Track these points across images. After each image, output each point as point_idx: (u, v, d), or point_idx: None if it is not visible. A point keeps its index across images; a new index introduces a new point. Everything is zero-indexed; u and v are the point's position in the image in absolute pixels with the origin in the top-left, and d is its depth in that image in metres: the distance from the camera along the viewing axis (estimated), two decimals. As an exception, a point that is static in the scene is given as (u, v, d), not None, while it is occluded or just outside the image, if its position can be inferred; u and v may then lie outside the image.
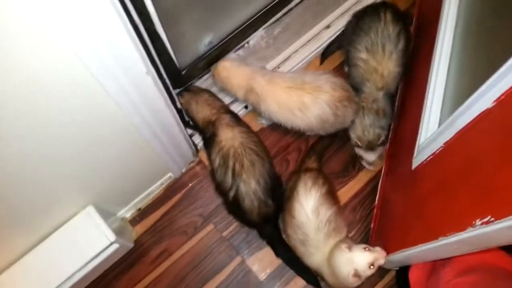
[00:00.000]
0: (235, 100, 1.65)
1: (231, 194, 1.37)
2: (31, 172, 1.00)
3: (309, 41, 1.73)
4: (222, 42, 1.56)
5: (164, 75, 1.33)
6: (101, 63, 0.84)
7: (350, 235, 1.50)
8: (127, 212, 1.55)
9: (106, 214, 1.35)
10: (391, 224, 1.30)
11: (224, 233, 1.54)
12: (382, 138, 1.42)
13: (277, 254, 1.47)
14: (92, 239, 1.26)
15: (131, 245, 1.49)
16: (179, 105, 1.49)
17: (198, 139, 1.61)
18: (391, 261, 1.21)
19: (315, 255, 1.30)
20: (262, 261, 1.50)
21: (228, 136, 1.37)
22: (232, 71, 1.46)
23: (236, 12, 1.54)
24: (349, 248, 1.19)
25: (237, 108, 1.63)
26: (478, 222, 0.69)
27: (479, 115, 0.76)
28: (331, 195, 1.37)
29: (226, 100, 1.61)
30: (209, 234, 1.54)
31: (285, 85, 1.40)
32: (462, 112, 0.82)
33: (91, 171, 1.20)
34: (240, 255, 1.51)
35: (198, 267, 1.51)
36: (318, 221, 1.28)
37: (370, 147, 1.44)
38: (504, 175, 0.66)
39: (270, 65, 1.68)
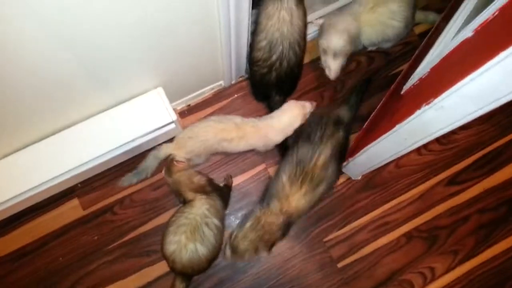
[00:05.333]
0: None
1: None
2: (117, 46, 1.17)
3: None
4: None
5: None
6: None
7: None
8: (178, 105, 1.80)
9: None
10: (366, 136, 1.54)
11: (256, 142, 1.80)
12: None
13: None
14: (157, 114, 1.51)
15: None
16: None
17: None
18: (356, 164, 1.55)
19: None
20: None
21: None
22: None
23: None
24: None
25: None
26: (423, 105, 0.96)
27: (461, 42, 0.99)
28: None
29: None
30: (243, 139, 1.80)
31: None
32: (450, 42, 1.07)
33: (166, 57, 1.38)
34: (264, 163, 1.79)
35: (228, 164, 1.80)
36: None
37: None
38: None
39: None
